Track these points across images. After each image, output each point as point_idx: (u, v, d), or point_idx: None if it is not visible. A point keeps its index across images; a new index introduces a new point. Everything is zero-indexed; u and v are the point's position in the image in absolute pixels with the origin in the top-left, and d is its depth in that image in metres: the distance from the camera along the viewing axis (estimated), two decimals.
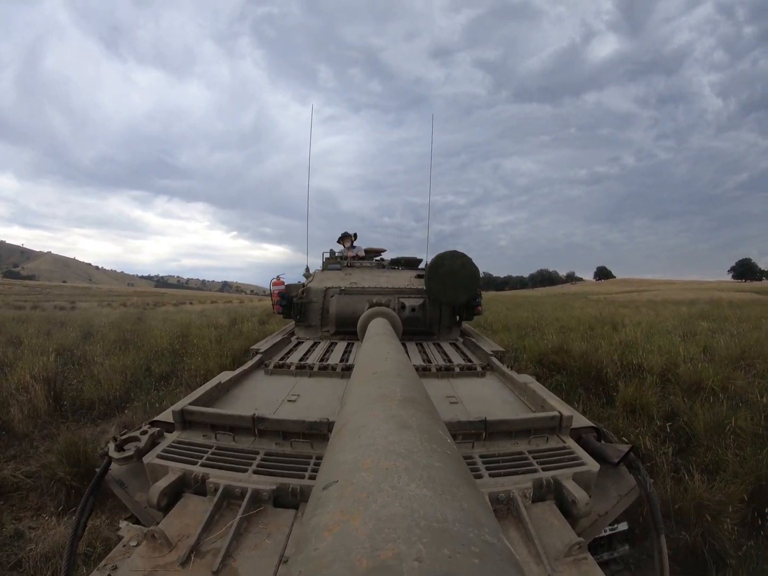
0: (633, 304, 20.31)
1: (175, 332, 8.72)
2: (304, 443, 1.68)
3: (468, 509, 0.32)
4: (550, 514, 1.33)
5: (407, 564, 0.24)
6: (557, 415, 1.78)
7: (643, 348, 6.54)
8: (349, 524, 0.29)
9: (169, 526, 1.24)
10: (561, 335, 8.06)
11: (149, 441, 1.63)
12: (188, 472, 1.45)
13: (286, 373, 2.77)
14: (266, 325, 11.24)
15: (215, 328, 9.57)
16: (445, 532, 0.28)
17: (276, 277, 4.36)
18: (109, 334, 8.57)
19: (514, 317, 12.57)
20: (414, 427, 0.48)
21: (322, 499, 0.36)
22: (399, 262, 5.12)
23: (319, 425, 1.66)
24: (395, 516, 0.29)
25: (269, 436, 1.72)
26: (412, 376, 0.81)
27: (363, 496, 0.32)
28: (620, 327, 9.79)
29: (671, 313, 13.36)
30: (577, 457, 1.57)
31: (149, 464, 1.51)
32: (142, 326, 10.25)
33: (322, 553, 0.27)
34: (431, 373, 2.75)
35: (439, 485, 0.35)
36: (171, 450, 1.60)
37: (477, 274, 3.80)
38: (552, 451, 1.64)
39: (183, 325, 10.11)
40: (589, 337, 7.92)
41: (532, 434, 1.74)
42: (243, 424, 1.73)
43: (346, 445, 0.46)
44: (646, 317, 12.36)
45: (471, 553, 0.26)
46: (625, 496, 1.55)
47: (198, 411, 1.79)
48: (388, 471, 0.36)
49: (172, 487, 1.39)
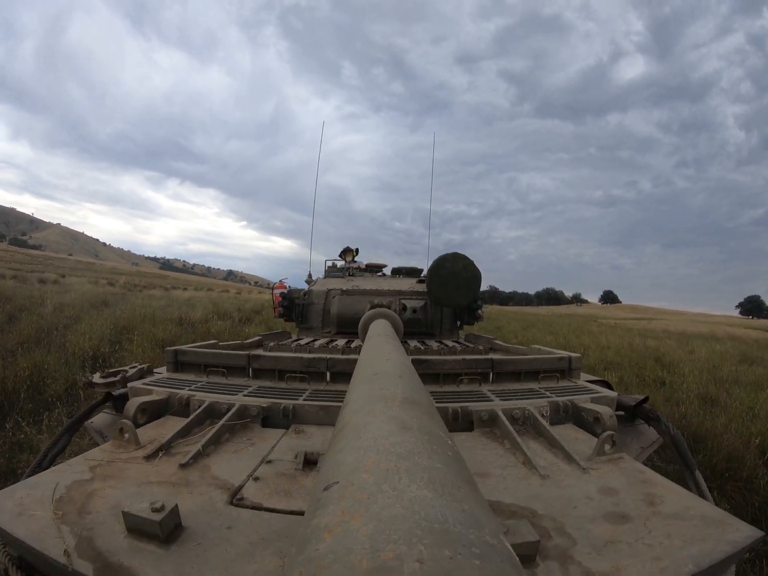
0: (651, 334, 19.10)
1: (121, 325, 6.96)
2: (301, 381, 1.59)
3: (469, 510, 0.32)
4: (573, 431, 1.27)
5: (408, 565, 0.24)
6: (565, 357, 1.74)
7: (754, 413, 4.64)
8: (350, 525, 0.29)
9: (143, 434, 1.15)
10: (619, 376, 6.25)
11: (137, 374, 1.59)
12: (173, 394, 1.38)
13: (287, 350, 2.66)
14: (247, 326, 9.56)
15: (180, 324, 7.92)
16: (446, 533, 0.27)
17: (278, 281, 4.35)
18: (39, 322, 6.71)
19: (535, 340, 10.85)
20: (415, 429, 0.48)
21: (323, 500, 0.35)
22: (400, 271, 5.04)
23: (317, 362, 1.61)
24: (396, 517, 0.29)
25: (264, 376, 1.66)
26: (413, 378, 0.81)
27: (364, 497, 0.32)
28: (670, 366, 8.07)
29: (708, 352, 11.53)
30: (592, 389, 1.52)
31: (133, 387, 1.44)
32: (92, 314, 8.28)
33: (322, 554, 0.27)
34: (432, 351, 2.65)
35: (440, 486, 0.34)
36: (159, 381, 1.54)
37: (478, 276, 3.73)
38: (565, 387, 1.58)
39: (139, 318, 8.09)
40: (649, 381, 6.21)
41: (542, 375, 1.67)
42: (237, 362, 1.68)
43: (347, 446, 0.46)
44: (683, 353, 10.60)
45: (472, 554, 0.26)
46: (647, 447, 1.48)
47: (192, 350, 1.76)
48: (389, 472, 0.36)
49: (153, 405, 1.31)
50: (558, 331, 15.58)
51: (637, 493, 0.90)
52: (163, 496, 0.83)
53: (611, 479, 0.95)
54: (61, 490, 0.87)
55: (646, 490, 0.91)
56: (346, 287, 4.16)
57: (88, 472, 0.95)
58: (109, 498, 0.86)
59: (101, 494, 0.87)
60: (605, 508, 0.85)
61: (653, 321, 42.32)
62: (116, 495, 0.87)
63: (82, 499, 0.85)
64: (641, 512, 0.83)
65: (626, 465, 1.01)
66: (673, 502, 0.86)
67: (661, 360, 8.87)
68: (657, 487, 0.92)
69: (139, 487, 0.91)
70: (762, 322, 70.33)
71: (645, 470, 1.00)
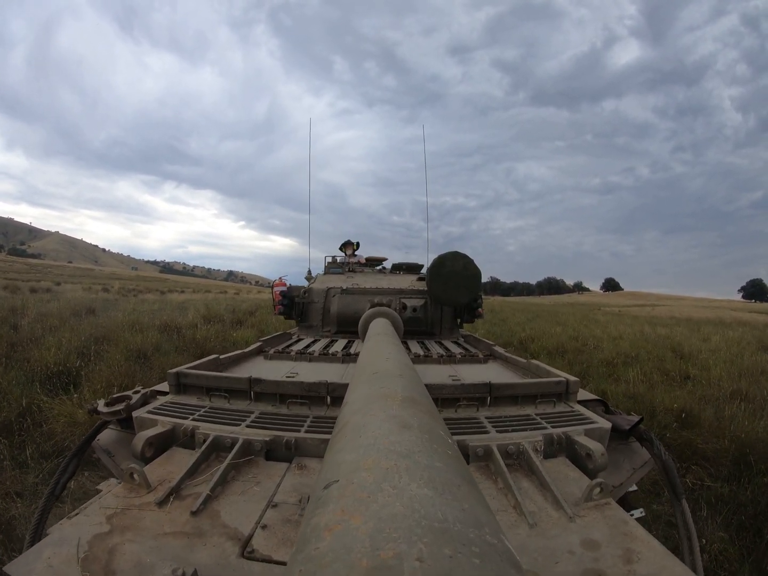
0: (659, 321, 18.74)
1: (98, 335, 6.34)
2: (302, 405, 1.61)
3: (469, 509, 0.32)
4: (564, 467, 1.29)
5: (408, 564, 0.24)
6: (563, 380, 1.73)
7: None
8: (350, 524, 0.29)
9: (151, 472, 1.18)
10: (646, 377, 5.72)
11: (141, 400, 1.58)
12: (178, 425, 1.39)
13: (287, 358, 2.65)
14: (238, 329, 9.03)
15: (164, 331, 7.36)
16: (446, 532, 0.27)
17: (278, 279, 4.30)
18: (11, 335, 6.09)
19: (543, 333, 10.33)
20: (415, 427, 0.47)
21: (323, 499, 0.35)
22: (400, 267, 5.03)
23: (317, 387, 1.62)
24: (396, 516, 0.29)
25: (266, 399, 1.67)
26: (413, 376, 0.81)
27: (364, 496, 0.32)
28: (689, 358, 7.57)
29: (721, 339, 10.99)
30: (587, 418, 1.52)
31: (138, 417, 1.46)
32: (73, 323, 7.72)
33: (322, 553, 0.27)
34: (432, 359, 2.64)
35: (440, 485, 0.34)
36: (163, 408, 1.55)
37: (478, 275, 3.71)
38: (560, 413, 1.59)
39: (121, 325, 7.53)
40: (673, 376, 5.68)
41: (539, 399, 1.68)
42: (239, 386, 1.68)
43: (347, 445, 0.46)
44: (697, 342, 10.08)
45: (472, 553, 0.26)
46: (639, 469, 1.50)
47: (193, 373, 1.75)
48: (389, 471, 0.36)
49: (159, 438, 1.33)
50: (565, 321, 15.17)
51: (617, 548, 0.93)
52: (180, 550, 0.90)
53: (595, 530, 0.99)
54: (83, 546, 0.90)
55: (626, 544, 0.94)
56: (346, 286, 4.14)
57: (106, 523, 0.98)
58: (130, 555, 0.89)
59: (122, 550, 0.91)
60: (585, 564, 0.88)
61: (657, 307, 42.09)
62: (136, 551, 0.90)
63: (105, 557, 0.88)
64: (618, 570, 0.86)
65: (612, 513, 1.04)
66: (649, 560, 0.89)
67: (677, 350, 8.39)
68: (637, 541, 0.95)
69: (156, 539, 0.94)
70: (766, 305, 70.27)
71: (628, 520, 1.02)
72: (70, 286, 26.43)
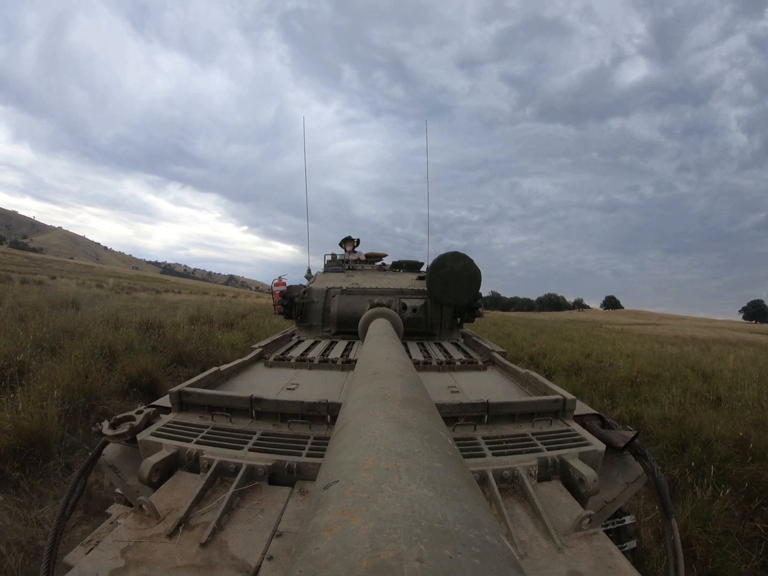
0: (664, 339, 18.33)
1: (68, 328, 5.76)
2: (303, 425, 1.64)
3: (469, 510, 0.32)
4: (557, 492, 1.30)
5: (408, 564, 0.24)
6: (560, 398, 1.75)
7: None
8: (350, 524, 0.29)
9: (158, 500, 1.21)
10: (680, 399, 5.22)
11: (144, 420, 1.59)
12: (182, 449, 1.41)
13: (287, 366, 2.69)
14: (226, 331, 8.46)
15: (145, 329, 6.83)
16: (446, 532, 0.27)
17: (278, 278, 4.27)
18: None
19: (552, 349, 9.86)
20: (415, 428, 0.48)
21: (323, 499, 0.35)
22: (400, 265, 5.02)
23: (318, 406, 1.64)
24: (396, 516, 0.29)
25: (267, 418, 1.70)
26: (413, 377, 0.82)
27: (364, 496, 0.32)
28: (711, 378, 7.00)
29: (736, 358, 10.47)
30: (582, 438, 1.54)
31: (143, 441, 1.47)
32: (47, 315, 7.04)
33: (322, 553, 0.27)
34: (432, 367, 2.69)
35: (440, 486, 0.34)
36: (166, 429, 1.57)
37: (479, 275, 3.68)
38: (556, 433, 1.61)
39: (97, 320, 6.95)
40: (705, 399, 5.12)
41: (536, 417, 1.70)
42: (240, 405, 1.70)
43: (347, 445, 0.46)
44: (712, 361, 9.53)
45: (472, 553, 0.26)
46: (632, 484, 1.52)
47: (195, 392, 1.76)
48: (389, 471, 0.36)
49: (164, 462, 1.35)
50: (572, 337, 14.73)
51: None
52: None
53: (581, 562, 1.01)
54: None
55: None
56: (346, 286, 4.13)
57: (121, 557, 1.01)
58: None
59: None
60: None
61: (658, 326, 41.79)
62: None
63: None
64: None
65: (599, 544, 1.06)
66: None
67: (697, 369, 7.82)
68: (621, 575, 0.97)
69: (169, 573, 0.97)
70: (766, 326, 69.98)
71: (614, 552, 1.04)
72: (65, 280, 25.91)
